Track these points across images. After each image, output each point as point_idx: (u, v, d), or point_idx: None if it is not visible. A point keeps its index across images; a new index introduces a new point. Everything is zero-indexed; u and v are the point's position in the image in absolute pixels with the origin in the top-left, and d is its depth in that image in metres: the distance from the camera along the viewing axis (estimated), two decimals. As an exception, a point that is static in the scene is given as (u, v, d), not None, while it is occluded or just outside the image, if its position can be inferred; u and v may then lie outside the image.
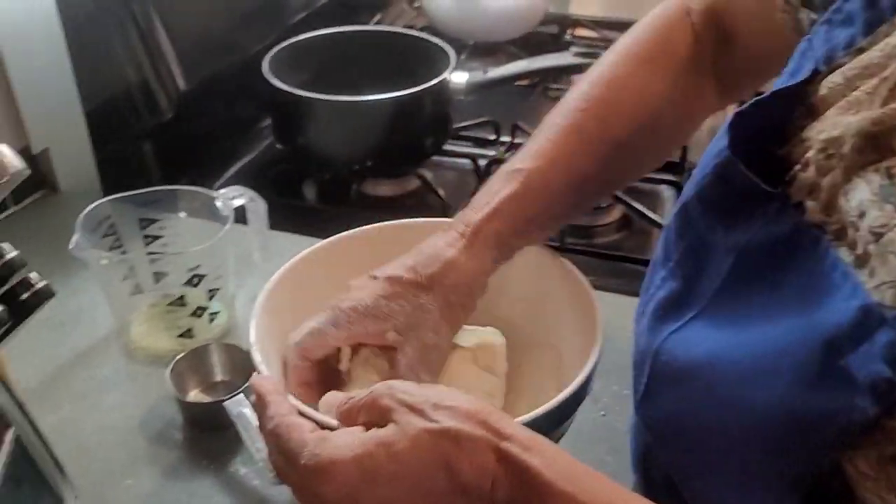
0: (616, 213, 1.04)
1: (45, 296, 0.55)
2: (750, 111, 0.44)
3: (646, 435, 0.52)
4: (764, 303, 0.42)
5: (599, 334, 0.58)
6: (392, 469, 0.41)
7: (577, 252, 0.94)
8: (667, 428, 0.48)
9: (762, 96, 0.44)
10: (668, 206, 1.06)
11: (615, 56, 0.63)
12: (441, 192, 1.06)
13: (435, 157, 1.13)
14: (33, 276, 0.55)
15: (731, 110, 0.45)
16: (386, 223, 0.70)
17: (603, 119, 0.60)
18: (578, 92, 0.62)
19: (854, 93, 0.39)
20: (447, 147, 1.13)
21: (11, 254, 0.54)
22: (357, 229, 0.69)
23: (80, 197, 1.00)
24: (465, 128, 1.18)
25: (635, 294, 0.85)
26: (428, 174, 1.11)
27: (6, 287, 0.54)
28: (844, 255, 0.37)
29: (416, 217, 0.71)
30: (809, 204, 0.40)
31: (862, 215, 0.37)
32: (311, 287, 0.65)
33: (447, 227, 0.59)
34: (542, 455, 0.42)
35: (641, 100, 0.61)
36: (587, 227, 1.02)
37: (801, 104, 0.43)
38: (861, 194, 0.37)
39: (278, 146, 1.11)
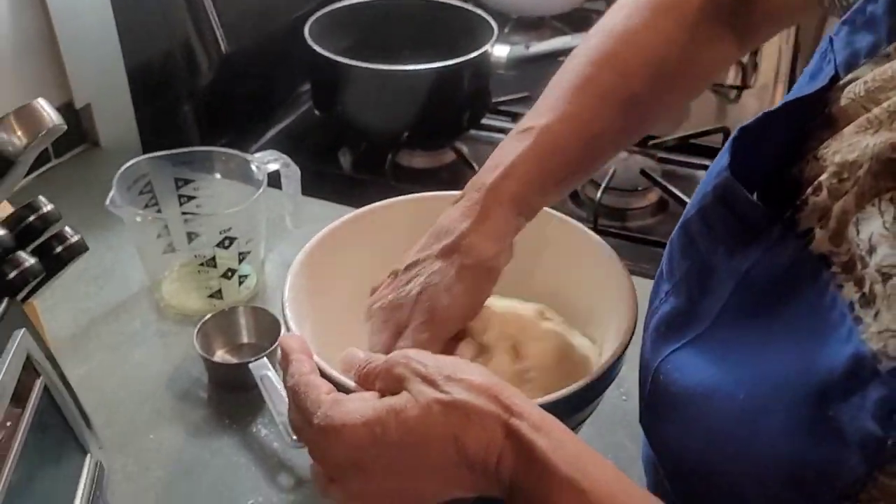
0: (652, 196, 1.03)
1: (78, 250, 0.56)
2: (757, 125, 0.41)
3: (649, 450, 0.52)
4: (762, 336, 0.40)
5: (633, 319, 0.57)
6: (400, 437, 0.42)
7: (610, 234, 0.93)
8: (665, 444, 0.47)
9: (772, 108, 0.41)
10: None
11: (629, 6, 0.60)
12: (476, 166, 1.05)
13: (472, 131, 1.12)
14: (68, 230, 0.56)
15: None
16: (421, 194, 0.70)
17: (617, 71, 0.58)
18: (591, 44, 0.59)
19: (875, 109, 0.36)
20: (485, 121, 1.13)
21: (47, 207, 0.55)
22: (393, 199, 0.69)
23: (119, 153, 1.01)
24: (503, 102, 1.17)
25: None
26: (464, 148, 1.10)
27: (41, 240, 0.55)
28: (850, 291, 0.35)
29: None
30: (818, 232, 0.37)
31: (871, 251, 0.34)
32: (344, 253, 0.66)
33: (461, 194, 0.58)
34: (550, 437, 0.42)
35: (656, 51, 0.58)
36: (621, 210, 1.01)
37: (819, 113, 0.40)
38: (873, 227, 0.34)
39: (316, 112, 1.11)
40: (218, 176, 0.81)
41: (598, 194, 0.97)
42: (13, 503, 0.44)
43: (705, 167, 1.07)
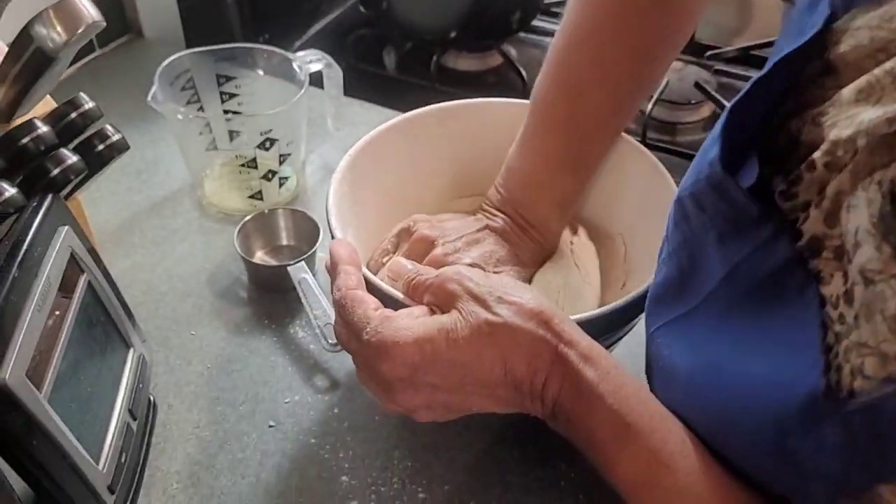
0: (705, 110, 0.99)
1: (119, 149, 0.56)
2: (747, 99, 0.38)
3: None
4: (740, 337, 0.39)
5: None
6: (450, 356, 0.43)
7: (658, 149, 0.91)
8: (667, 404, 0.46)
9: (762, 73, 0.37)
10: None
11: None
12: (523, 71, 1.02)
13: (521, 34, 1.08)
14: (109, 128, 0.56)
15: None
16: (467, 101, 0.69)
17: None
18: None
19: (876, 70, 0.33)
20: (535, 23, 1.08)
21: (88, 104, 0.54)
22: (438, 105, 0.68)
23: (163, 44, 1.00)
24: (555, 3, 1.12)
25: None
26: (512, 51, 1.06)
27: (82, 137, 0.55)
28: (838, 284, 0.33)
29: (496, 96, 0.69)
30: (812, 212, 0.34)
31: (857, 246, 0.32)
32: (387, 159, 0.65)
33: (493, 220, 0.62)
34: (597, 367, 0.42)
35: None
36: (672, 124, 0.97)
37: (816, 58, 0.36)
38: (860, 219, 0.31)
39: (362, 9, 1.08)
40: (260, 73, 0.80)
41: (649, 106, 0.94)
42: (61, 392, 0.46)
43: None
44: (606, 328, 0.53)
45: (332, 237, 0.56)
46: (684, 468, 0.40)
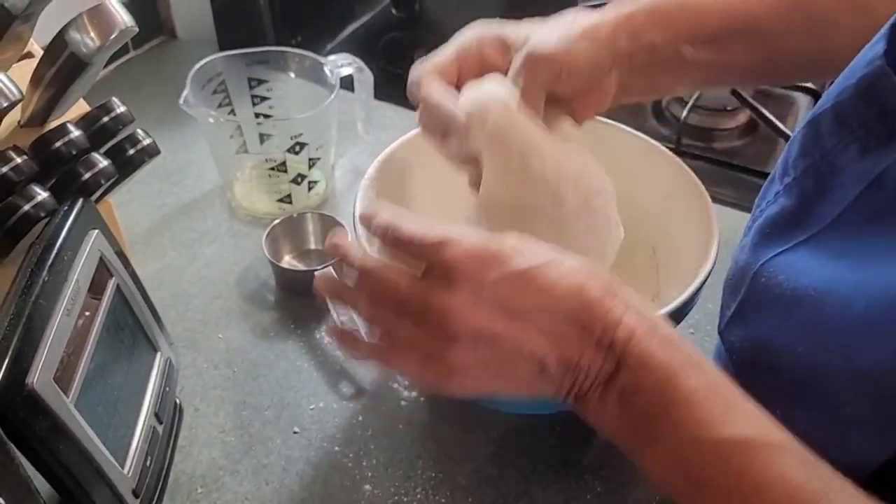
0: (742, 117, 0.97)
1: (150, 153, 0.56)
2: None
3: (726, 361, 0.50)
4: (889, 244, 0.38)
5: (714, 248, 0.55)
6: (524, 271, 0.40)
7: (693, 156, 0.89)
8: (752, 355, 0.45)
9: None
10: (801, 116, 0.98)
11: None
12: (556, 76, 1.01)
13: (554, 38, 1.07)
14: (140, 132, 0.56)
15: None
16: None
17: None
18: None
19: None
20: (569, 27, 1.07)
21: (120, 109, 0.55)
22: None
23: (196, 46, 1.01)
24: (591, 4, 1.11)
25: (750, 209, 0.81)
26: (544, 55, 1.05)
27: (114, 141, 0.55)
28: None
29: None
30: None
31: None
32: (417, 165, 0.65)
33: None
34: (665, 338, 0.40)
35: None
36: (707, 130, 0.96)
37: None
38: None
39: (394, 11, 1.08)
40: (292, 76, 0.80)
41: (684, 112, 0.92)
42: (88, 396, 0.46)
43: (803, 89, 1.00)
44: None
45: (360, 243, 0.56)
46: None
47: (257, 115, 0.80)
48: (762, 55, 0.49)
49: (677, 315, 0.53)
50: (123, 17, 0.48)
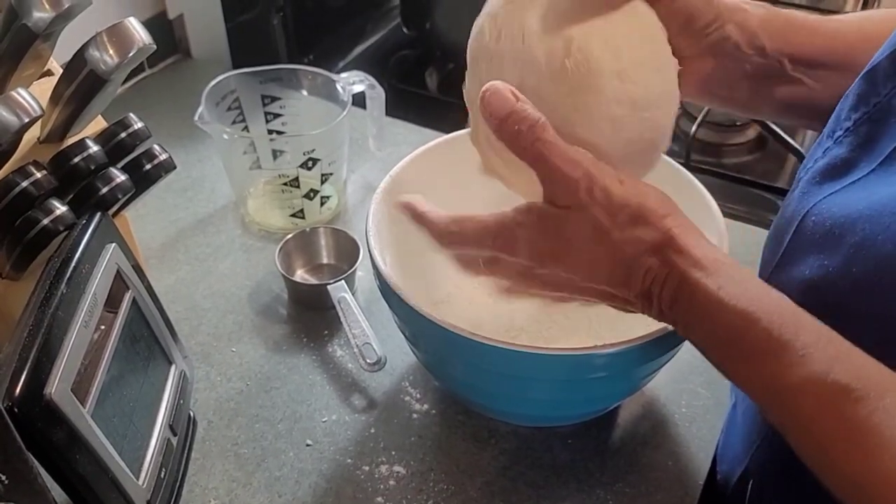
0: (751, 132, 0.97)
1: (166, 168, 0.57)
2: None
3: None
4: None
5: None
6: (568, 261, 0.43)
7: (702, 171, 0.90)
8: (800, 298, 0.43)
9: None
10: (809, 133, 0.98)
11: None
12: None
13: (564, 55, 1.08)
14: (157, 148, 0.57)
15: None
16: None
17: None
18: None
19: None
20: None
21: (137, 125, 0.56)
22: None
23: (210, 64, 1.02)
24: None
25: (761, 224, 0.81)
26: (554, 72, 1.06)
27: (131, 157, 0.56)
28: None
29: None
30: None
31: None
32: (428, 181, 0.65)
33: None
34: (717, 275, 0.41)
35: None
36: (717, 146, 0.96)
37: None
38: None
39: (405, 30, 1.09)
40: (304, 93, 0.81)
41: (693, 128, 0.93)
42: (104, 407, 0.47)
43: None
44: (651, 355, 0.52)
45: (371, 258, 0.57)
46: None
47: (270, 132, 0.82)
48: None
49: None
50: (142, 35, 0.49)
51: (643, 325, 0.59)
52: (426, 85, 1.07)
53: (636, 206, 0.42)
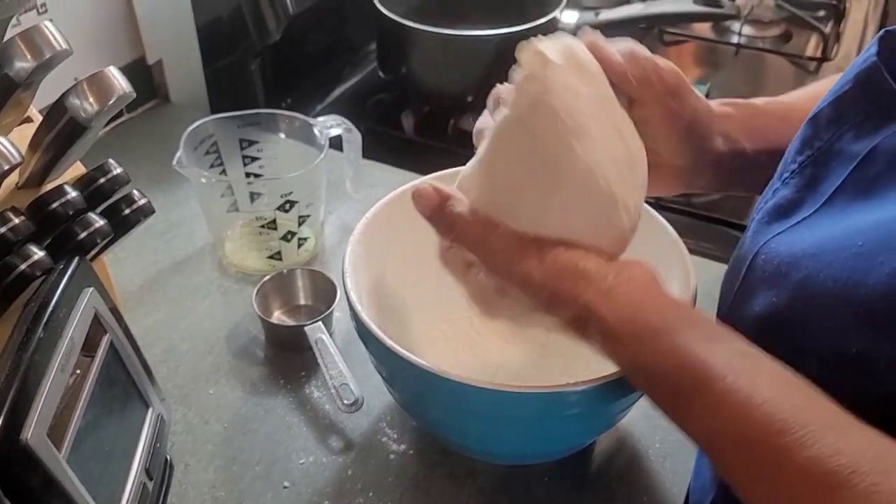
0: (719, 172, 1.00)
1: (145, 212, 0.58)
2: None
3: None
4: (885, 197, 0.41)
5: (693, 300, 0.56)
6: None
7: (671, 210, 0.92)
8: (753, 333, 0.45)
9: None
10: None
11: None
12: (539, 134, 1.04)
13: (537, 97, 1.11)
14: (136, 193, 0.58)
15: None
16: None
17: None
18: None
19: None
20: (550, 87, 1.11)
21: (117, 170, 0.57)
22: (454, 169, 0.69)
23: (189, 108, 1.04)
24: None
25: (727, 261, 0.82)
26: (528, 114, 1.09)
27: (110, 202, 0.57)
28: None
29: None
30: None
31: None
32: (405, 222, 0.66)
33: None
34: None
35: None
36: (686, 185, 0.99)
37: None
38: None
39: (381, 74, 1.11)
40: (282, 136, 0.83)
41: (663, 168, 0.95)
42: (80, 451, 0.47)
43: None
44: (624, 391, 0.53)
45: (348, 299, 0.58)
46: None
47: (248, 175, 0.83)
48: None
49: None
50: (122, 84, 0.50)
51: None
52: (402, 127, 1.09)
53: (551, 290, 0.46)
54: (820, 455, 0.34)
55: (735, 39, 1.24)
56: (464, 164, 0.69)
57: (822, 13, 1.33)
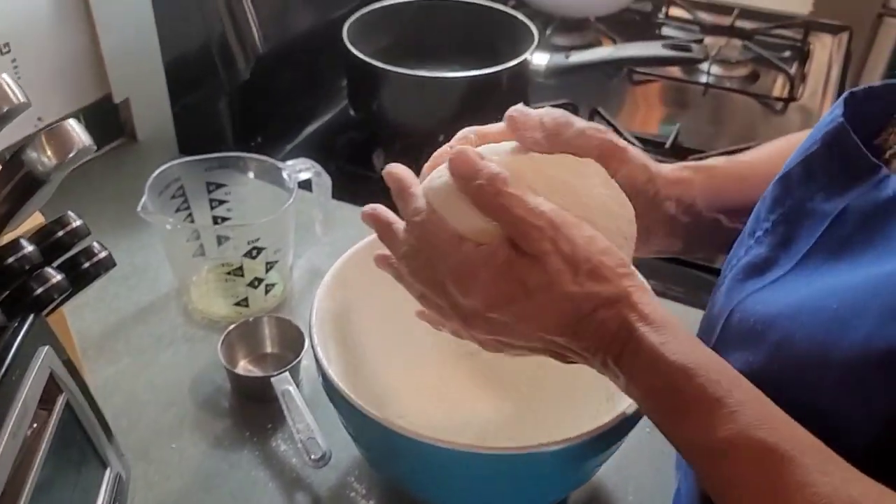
0: (689, 213, 1.00)
1: (106, 266, 0.56)
2: (861, 94, 0.46)
3: None
4: (856, 260, 0.41)
5: None
6: (522, 307, 0.44)
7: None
8: (752, 359, 0.46)
9: (876, 84, 0.46)
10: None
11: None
12: (510, 174, 1.03)
13: (509, 136, 1.11)
14: (96, 245, 0.56)
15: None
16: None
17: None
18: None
19: None
20: (522, 126, 1.11)
21: (76, 223, 0.55)
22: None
23: (156, 147, 1.02)
24: (539, 106, 1.15)
25: (699, 306, 0.82)
26: (499, 154, 1.09)
27: (69, 255, 0.55)
28: None
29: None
30: None
31: None
32: (374, 271, 0.65)
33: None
34: (664, 332, 0.43)
35: None
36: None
37: None
38: None
39: (352, 112, 1.11)
40: (251, 176, 0.81)
41: (633, 210, 0.95)
42: (33, 516, 0.45)
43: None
44: (598, 449, 0.52)
45: (315, 357, 0.56)
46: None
47: (215, 219, 0.81)
48: None
49: (629, 423, 0.53)
50: (82, 137, 0.49)
51: (591, 412, 0.60)
52: (373, 166, 1.08)
53: (597, 263, 0.44)
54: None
55: (703, 79, 1.25)
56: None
57: (787, 54, 1.36)
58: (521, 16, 1.08)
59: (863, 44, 1.52)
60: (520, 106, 0.51)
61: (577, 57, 1.07)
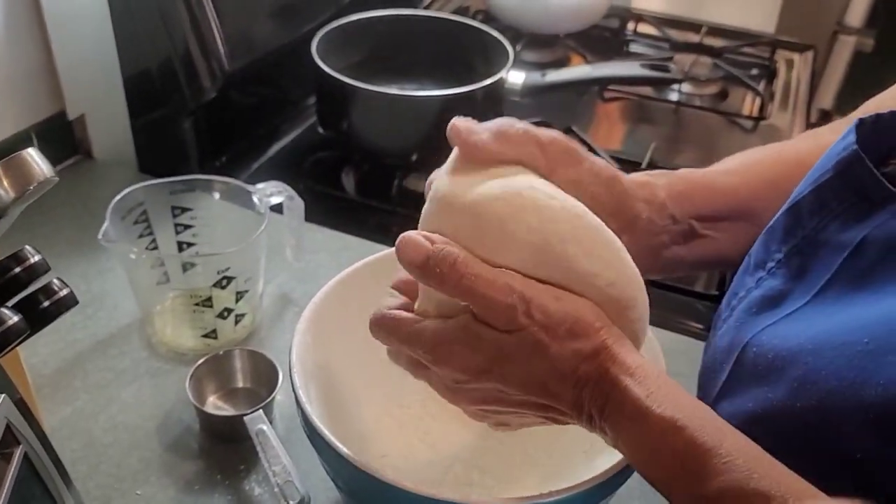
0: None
1: (67, 304, 0.52)
2: (869, 122, 0.45)
3: None
4: (881, 289, 0.40)
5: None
6: (502, 369, 0.43)
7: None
8: (744, 429, 0.44)
9: (884, 112, 0.45)
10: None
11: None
12: (485, 194, 1.01)
13: (481, 156, 1.08)
14: (56, 282, 0.52)
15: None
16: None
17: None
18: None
19: None
20: (495, 146, 1.08)
21: (34, 258, 0.51)
22: (391, 250, 0.65)
23: (113, 166, 0.97)
24: (515, 128, 1.13)
25: (697, 335, 0.81)
26: (473, 173, 1.06)
27: (27, 293, 0.51)
28: None
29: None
30: None
31: None
32: (354, 305, 0.62)
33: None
34: (645, 384, 0.41)
35: None
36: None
37: None
38: None
39: (321, 130, 1.07)
40: (217, 197, 0.77)
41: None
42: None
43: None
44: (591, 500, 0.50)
45: (296, 397, 0.53)
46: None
47: (180, 245, 0.77)
48: (754, 235, 0.52)
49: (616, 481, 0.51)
50: (42, 168, 0.45)
51: (584, 446, 0.57)
52: (343, 186, 1.04)
53: (573, 321, 0.42)
54: None
55: (674, 97, 1.25)
56: (410, 227, 0.66)
57: (755, 72, 1.36)
58: (495, 32, 1.06)
59: (819, 60, 1.54)
60: (458, 117, 0.48)
61: (554, 76, 1.05)
